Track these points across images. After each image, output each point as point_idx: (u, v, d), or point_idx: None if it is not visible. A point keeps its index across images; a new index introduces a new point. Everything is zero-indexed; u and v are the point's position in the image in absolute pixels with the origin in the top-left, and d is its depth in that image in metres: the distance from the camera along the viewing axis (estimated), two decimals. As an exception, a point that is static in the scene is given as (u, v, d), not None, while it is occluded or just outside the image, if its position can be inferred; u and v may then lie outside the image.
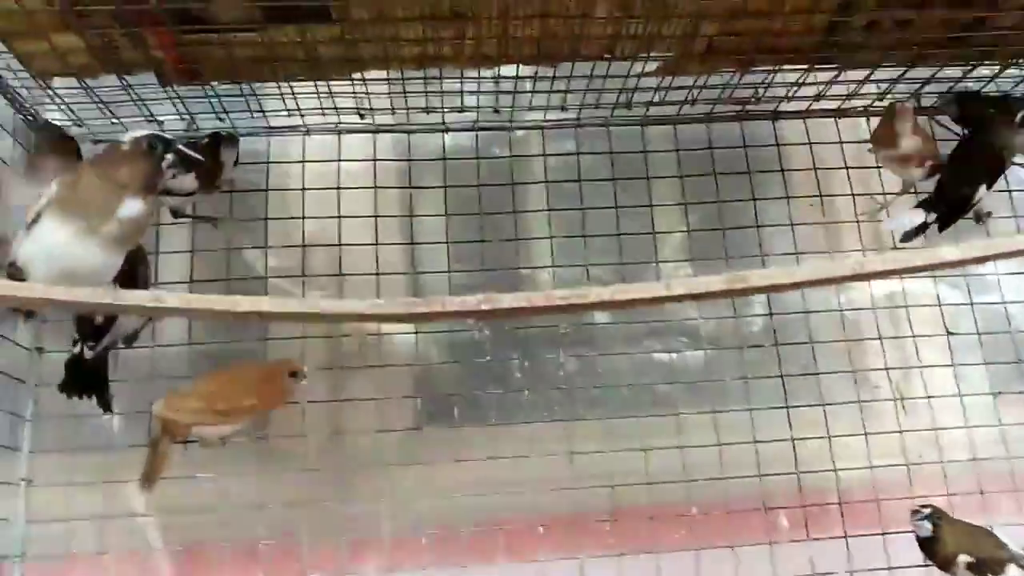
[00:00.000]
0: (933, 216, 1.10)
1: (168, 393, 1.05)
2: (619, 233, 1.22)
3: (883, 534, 1.12)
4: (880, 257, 0.64)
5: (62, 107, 1.14)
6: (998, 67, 1.18)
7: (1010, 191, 1.25)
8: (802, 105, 1.26)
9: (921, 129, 1.18)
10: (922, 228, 1.11)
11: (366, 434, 1.14)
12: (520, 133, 1.27)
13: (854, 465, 1.14)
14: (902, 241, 1.13)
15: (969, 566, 1.00)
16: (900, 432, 1.17)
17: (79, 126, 1.18)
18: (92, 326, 1.01)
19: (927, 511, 1.01)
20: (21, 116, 1.14)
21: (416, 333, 1.18)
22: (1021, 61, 1.17)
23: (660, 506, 1.13)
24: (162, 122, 1.19)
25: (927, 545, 1.02)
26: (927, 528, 1.01)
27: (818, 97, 1.24)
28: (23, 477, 1.10)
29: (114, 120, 1.16)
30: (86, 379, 1.03)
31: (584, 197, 1.24)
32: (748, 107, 1.25)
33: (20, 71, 1.05)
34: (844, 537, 1.12)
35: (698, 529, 1.13)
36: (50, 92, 1.10)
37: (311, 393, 1.13)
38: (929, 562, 1.05)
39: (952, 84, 1.21)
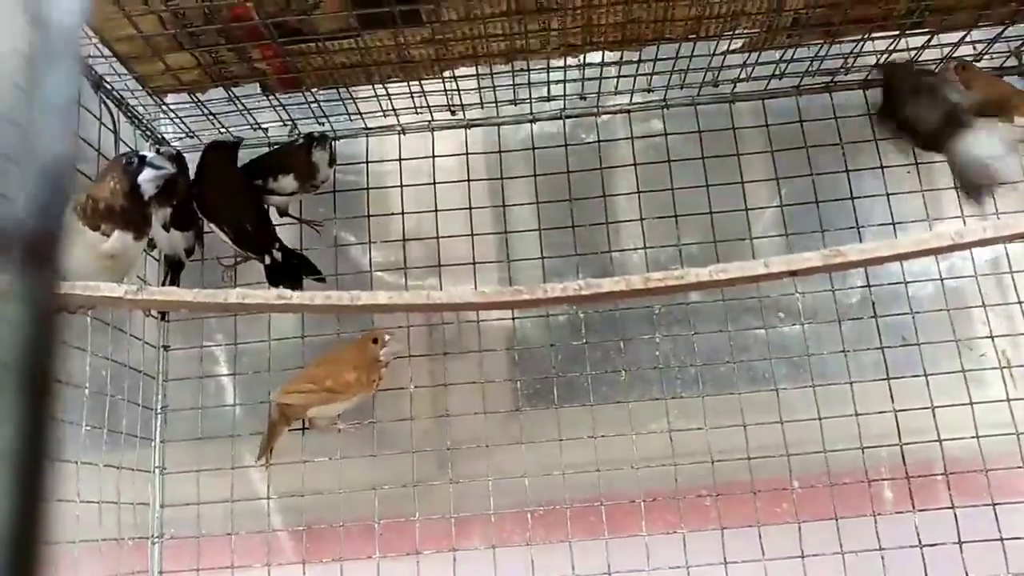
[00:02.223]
0: None
1: (284, 382, 1.14)
2: (711, 212, 1.23)
3: (992, 504, 1.10)
4: (980, 224, 0.64)
5: (175, 121, 1.22)
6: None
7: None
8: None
9: (994, 83, 1.16)
10: None
11: (469, 416, 1.18)
12: (606, 118, 1.29)
13: (960, 435, 1.12)
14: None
15: None
16: (1008, 400, 1.14)
17: (191, 137, 1.26)
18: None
19: None
20: (140, 131, 1.22)
21: (513, 319, 1.22)
22: None
23: (761, 481, 1.14)
24: (267, 129, 1.26)
25: None
26: None
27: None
28: (157, 465, 1.20)
29: (222, 130, 1.24)
30: (290, 271, 1.15)
31: (673, 177, 1.25)
32: (837, 78, 1.24)
33: (137, 90, 1.13)
34: (952, 508, 1.11)
35: (800, 503, 1.13)
36: (164, 108, 1.18)
37: (415, 379, 1.19)
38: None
39: (1053, 40, 1.17)
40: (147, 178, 0.97)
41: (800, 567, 1.10)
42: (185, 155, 1.20)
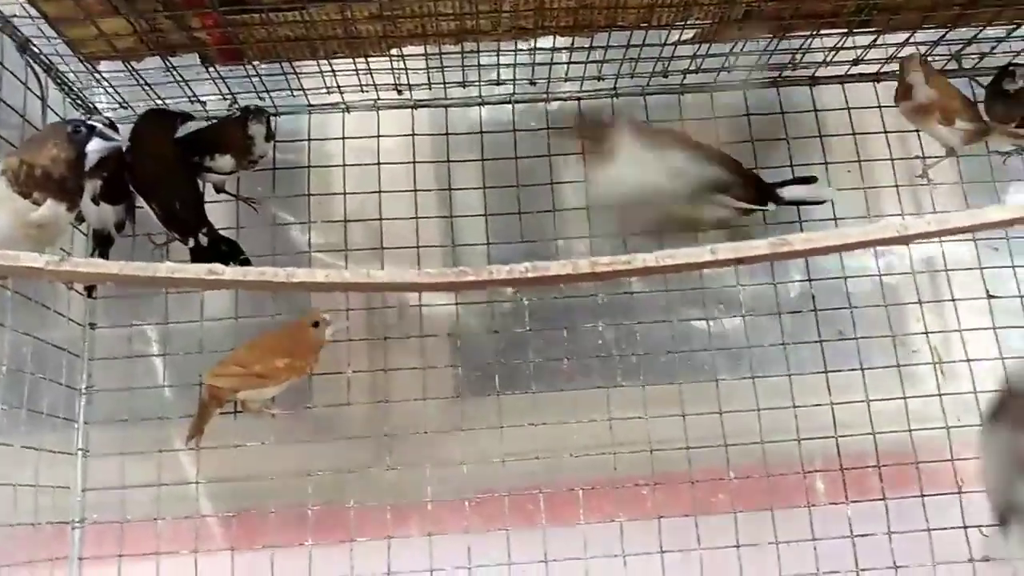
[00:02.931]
0: None
1: (217, 364, 1.11)
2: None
3: (922, 496, 1.12)
4: (924, 219, 0.64)
5: (108, 90, 1.17)
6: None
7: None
8: (840, 70, 1.25)
9: (946, 84, 1.17)
10: None
11: (408, 402, 1.16)
12: (556, 104, 1.28)
13: (893, 428, 1.15)
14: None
15: None
16: (939, 395, 1.17)
17: (124, 108, 1.21)
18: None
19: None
20: (70, 100, 1.17)
21: (456, 304, 1.20)
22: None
23: (699, 471, 1.14)
24: (204, 102, 1.21)
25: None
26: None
27: (856, 61, 1.23)
28: (80, 447, 1.15)
29: (158, 101, 1.19)
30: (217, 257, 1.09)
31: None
32: (785, 73, 1.25)
33: (68, 55, 1.07)
34: (883, 499, 1.13)
35: (737, 493, 1.14)
36: (97, 75, 1.12)
37: (354, 363, 1.16)
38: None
39: (994, 44, 1.20)
40: (96, 148, 0.92)
41: (735, 557, 1.11)
42: (119, 126, 1.15)
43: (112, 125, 1.12)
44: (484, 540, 1.11)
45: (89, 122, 0.94)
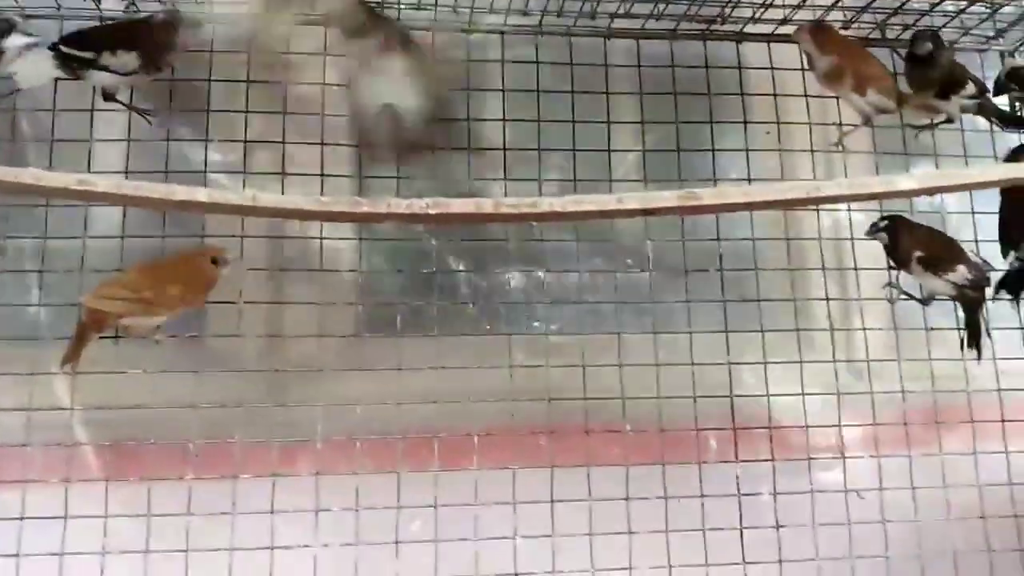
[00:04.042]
0: None
1: (98, 284, 1.03)
2: (575, 148, 1.20)
3: (808, 459, 1.15)
4: (835, 182, 0.63)
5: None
6: (965, 2, 1.17)
7: (962, 130, 1.25)
8: (767, 28, 1.23)
9: (861, 53, 1.18)
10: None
11: (304, 339, 1.12)
12: (478, 36, 1.23)
13: (786, 392, 1.16)
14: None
15: (919, 260, 1.11)
16: (833, 362, 1.19)
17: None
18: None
19: (882, 224, 1.12)
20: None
21: (360, 239, 1.15)
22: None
23: (596, 423, 1.14)
24: (99, 0, 1.11)
25: (890, 252, 1.14)
26: (885, 238, 1.12)
27: (784, 21, 1.21)
28: (-56, 367, 1.06)
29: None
30: None
31: (542, 109, 1.21)
32: (713, 27, 1.22)
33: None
34: (771, 460, 1.15)
35: (631, 446, 1.14)
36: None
37: (248, 294, 1.11)
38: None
39: (918, 17, 1.20)
40: (15, 44, 0.83)
41: (624, 509, 1.11)
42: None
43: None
44: (373, 482, 1.08)
45: (12, 17, 0.85)
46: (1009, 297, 1.17)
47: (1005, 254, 1.18)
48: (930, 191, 0.64)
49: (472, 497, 1.09)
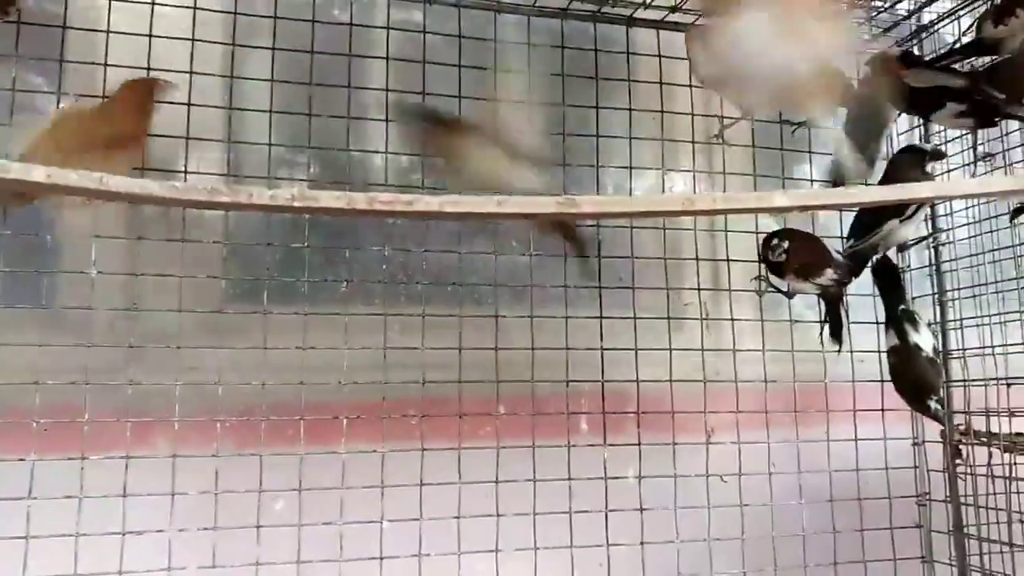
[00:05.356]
0: None
1: None
2: (460, 124, 1.17)
3: (673, 444, 1.18)
4: (710, 196, 0.63)
5: None
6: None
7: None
8: (657, 15, 1.23)
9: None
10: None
11: (162, 312, 1.05)
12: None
13: (655, 378, 1.19)
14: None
15: (795, 271, 1.15)
16: (702, 350, 1.22)
17: None
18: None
19: (785, 244, 1.13)
20: None
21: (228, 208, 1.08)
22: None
23: (469, 404, 1.13)
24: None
25: (773, 263, 1.16)
26: (783, 257, 1.14)
27: (674, 9, 1.21)
28: None
29: None
30: None
31: (426, 81, 1.16)
32: (604, 9, 1.21)
33: None
34: (638, 444, 1.17)
35: (503, 428, 1.14)
36: None
37: (103, 263, 1.03)
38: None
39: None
40: None
41: (493, 491, 1.11)
42: None
43: None
44: (235, 464, 1.04)
45: None
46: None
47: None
48: (803, 208, 0.65)
49: (339, 480, 1.06)
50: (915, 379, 1.16)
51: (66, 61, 1.05)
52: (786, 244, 1.13)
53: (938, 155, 1.21)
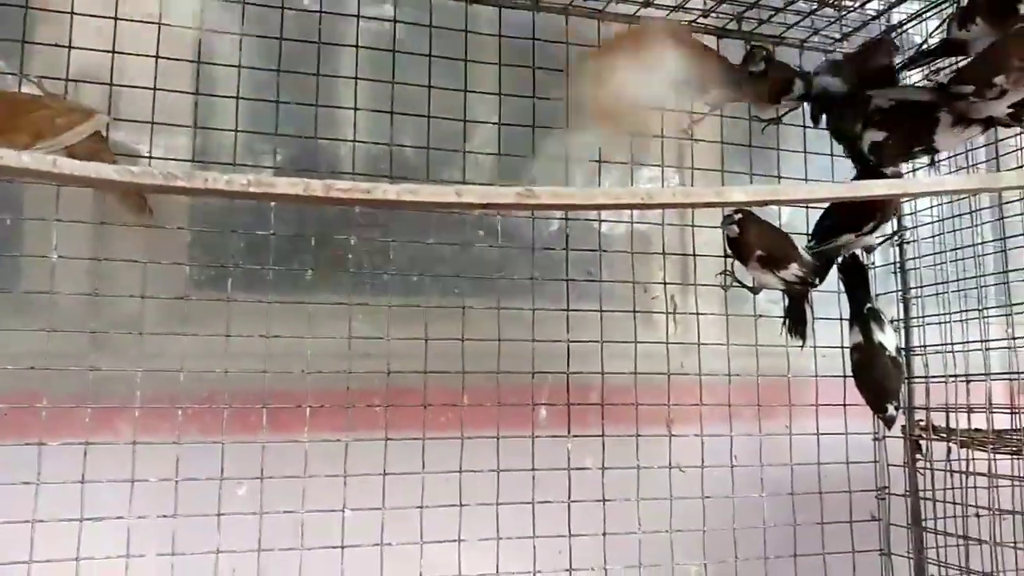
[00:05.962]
0: None
1: None
2: (429, 116, 1.16)
3: (636, 436, 1.19)
4: (670, 189, 0.64)
5: None
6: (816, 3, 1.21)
7: (804, 126, 1.30)
8: (629, 9, 1.23)
9: (702, 48, 1.18)
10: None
11: (124, 298, 1.04)
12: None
13: (620, 370, 1.19)
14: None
15: (759, 259, 1.14)
16: (667, 343, 1.23)
17: None
18: None
19: (737, 216, 1.12)
20: None
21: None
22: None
23: (434, 394, 1.13)
24: None
25: (733, 243, 1.15)
26: (735, 230, 1.12)
27: (646, 4, 1.21)
28: None
29: None
30: None
31: (396, 71, 1.16)
32: (576, 3, 1.21)
33: None
34: (601, 436, 1.18)
35: (467, 418, 1.14)
36: None
37: (65, 247, 1.02)
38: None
39: (772, 13, 1.23)
40: None
41: (457, 481, 1.12)
42: None
43: None
44: (196, 452, 1.03)
45: None
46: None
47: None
48: (760, 203, 0.66)
49: (301, 468, 1.06)
50: (877, 381, 1.17)
51: (28, 42, 1.04)
52: (738, 217, 1.12)
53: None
